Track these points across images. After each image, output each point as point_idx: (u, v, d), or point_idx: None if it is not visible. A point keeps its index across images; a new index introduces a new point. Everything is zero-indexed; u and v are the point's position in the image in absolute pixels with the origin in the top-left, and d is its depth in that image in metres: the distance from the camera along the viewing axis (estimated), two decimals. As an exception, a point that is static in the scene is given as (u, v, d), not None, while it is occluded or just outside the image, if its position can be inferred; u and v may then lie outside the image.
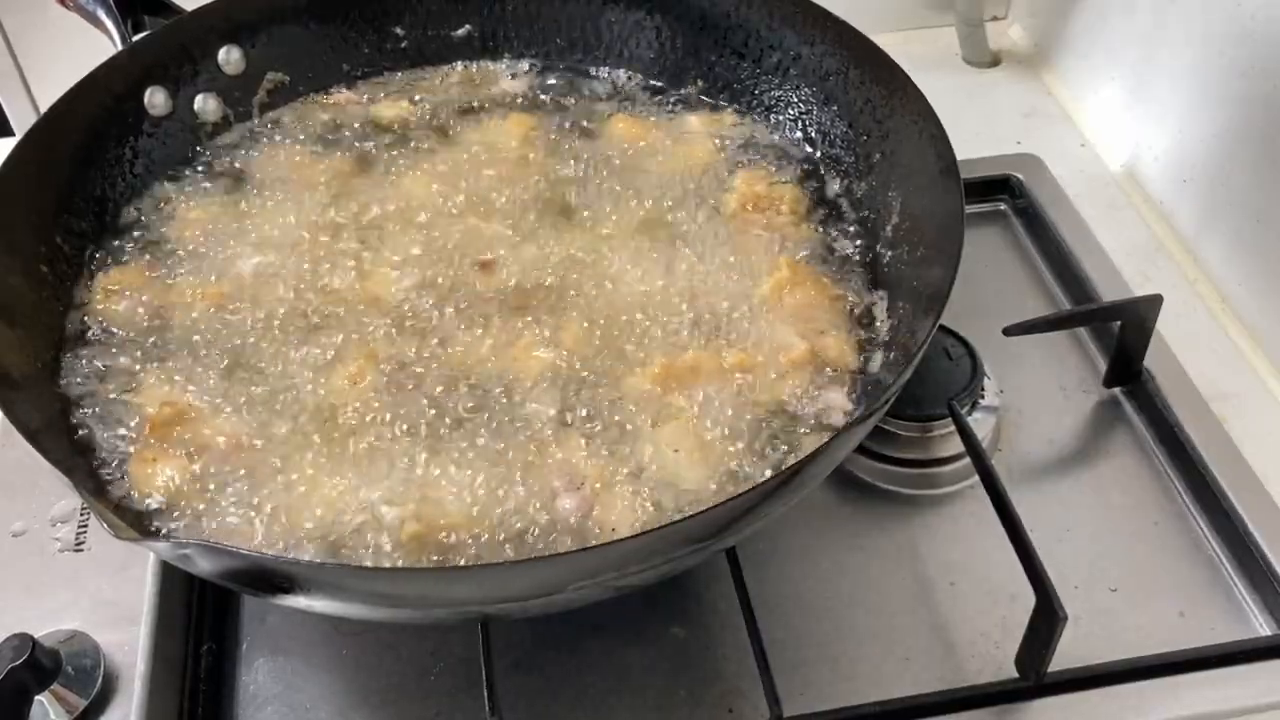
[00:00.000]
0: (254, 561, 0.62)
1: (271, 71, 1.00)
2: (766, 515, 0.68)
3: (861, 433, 0.71)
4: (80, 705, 0.76)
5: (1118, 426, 0.95)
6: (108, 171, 0.90)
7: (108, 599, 0.82)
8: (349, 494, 0.73)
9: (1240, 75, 1.02)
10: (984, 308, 0.98)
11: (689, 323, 0.83)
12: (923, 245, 0.83)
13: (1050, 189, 1.12)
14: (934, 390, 0.89)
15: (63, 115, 0.86)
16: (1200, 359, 0.98)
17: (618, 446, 0.76)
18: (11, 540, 0.86)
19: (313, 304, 0.85)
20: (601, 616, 0.82)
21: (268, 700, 0.79)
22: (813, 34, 0.95)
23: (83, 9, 0.95)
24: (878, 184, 0.91)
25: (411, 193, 0.93)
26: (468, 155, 0.96)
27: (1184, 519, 0.89)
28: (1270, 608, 0.83)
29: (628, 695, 0.79)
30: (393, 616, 0.75)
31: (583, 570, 0.63)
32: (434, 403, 0.78)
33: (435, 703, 0.79)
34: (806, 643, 0.81)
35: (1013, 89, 1.34)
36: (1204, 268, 1.10)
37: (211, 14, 0.96)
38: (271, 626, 0.83)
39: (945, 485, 0.91)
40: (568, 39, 1.05)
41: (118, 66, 0.91)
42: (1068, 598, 0.73)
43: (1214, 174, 1.07)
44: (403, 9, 1.03)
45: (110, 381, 0.79)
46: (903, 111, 0.87)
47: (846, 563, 0.86)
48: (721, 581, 0.80)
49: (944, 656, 0.81)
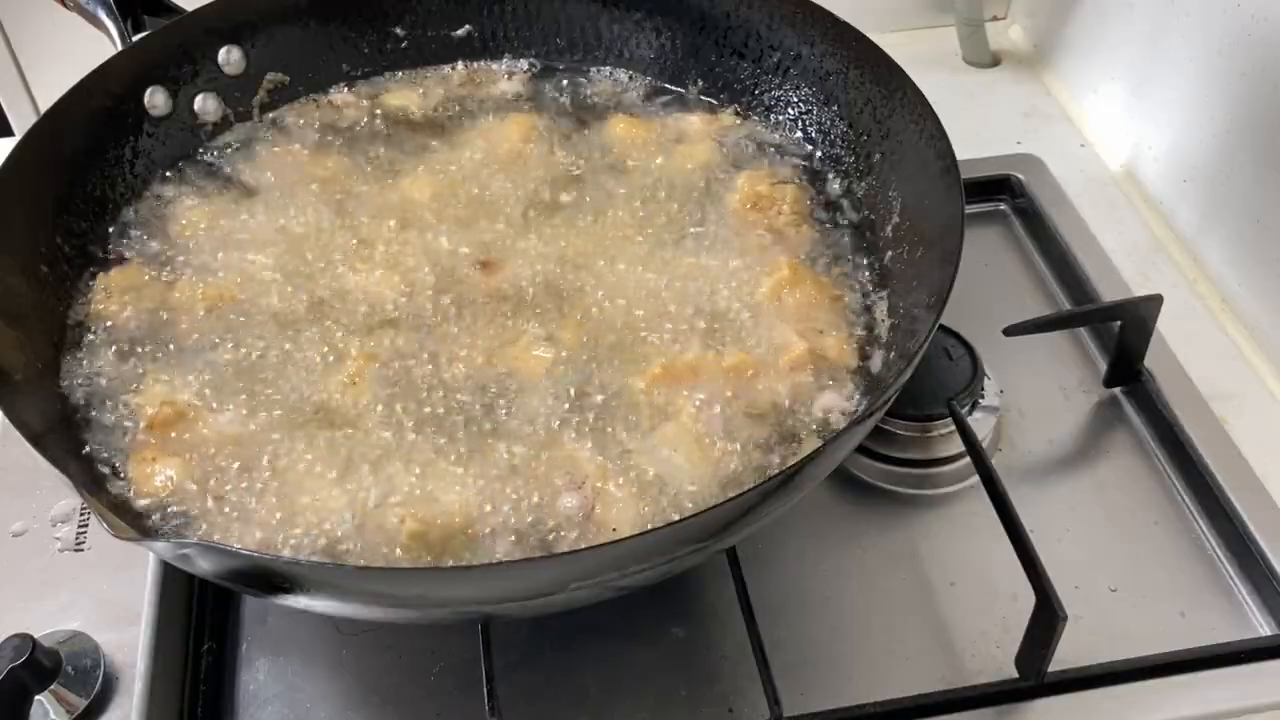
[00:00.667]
0: (254, 561, 0.62)
1: (271, 71, 1.00)
2: (766, 515, 0.68)
3: (861, 433, 0.71)
4: (80, 705, 0.76)
5: (1118, 426, 0.95)
6: (108, 171, 0.90)
7: (108, 599, 0.82)
8: (348, 492, 0.73)
9: (1240, 75, 1.02)
10: (984, 308, 0.98)
11: (689, 322, 0.83)
12: (923, 245, 0.83)
13: (1050, 189, 1.12)
14: (934, 390, 0.89)
15: (63, 115, 0.86)
16: (1200, 359, 0.98)
17: (618, 445, 0.76)
18: (11, 540, 0.86)
19: (311, 303, 0.85)
20: (601, 616, 0.82)
21: (268, 700, 0.79)
22: (813, 34, 0.95)
23: (83, 9, 0.95)
24: (878, 184, 0.91)
25: (411, 193, 0.93)
26: (468, 155, 0.96)
27: (1184, 519, 0.89)
28: (1270, 608, 0.83)
29: (628, 695, 0.79)
30: (393, 616, 0.75)
31: (583, 570, 0.63)
32: (434, 402, 0.78)
33: (435, 703, 0.79)
34: (806, 643, 0.81)
35: (1013, 89, 1.34)
36: (1204, 268, 1.10)
37: (211, 14, 0.96)
38: (271, 626, 0.83)
39: (945, 485, 0.91)
40: (568, 39, 1.05)
41: (118, 66, 0.91)
42: (1068, 598, 0.73)
43: (1214, 174, 1.07)
44: (403, 9, 1.03)
45: (110, 381, 0.79)
46: (903, 111, 0.87)
47: (846, 563, 0.86)
48: (721, 581, 0.80)
49: (944, 656, 0.81)
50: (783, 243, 0.89)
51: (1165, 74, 1.12)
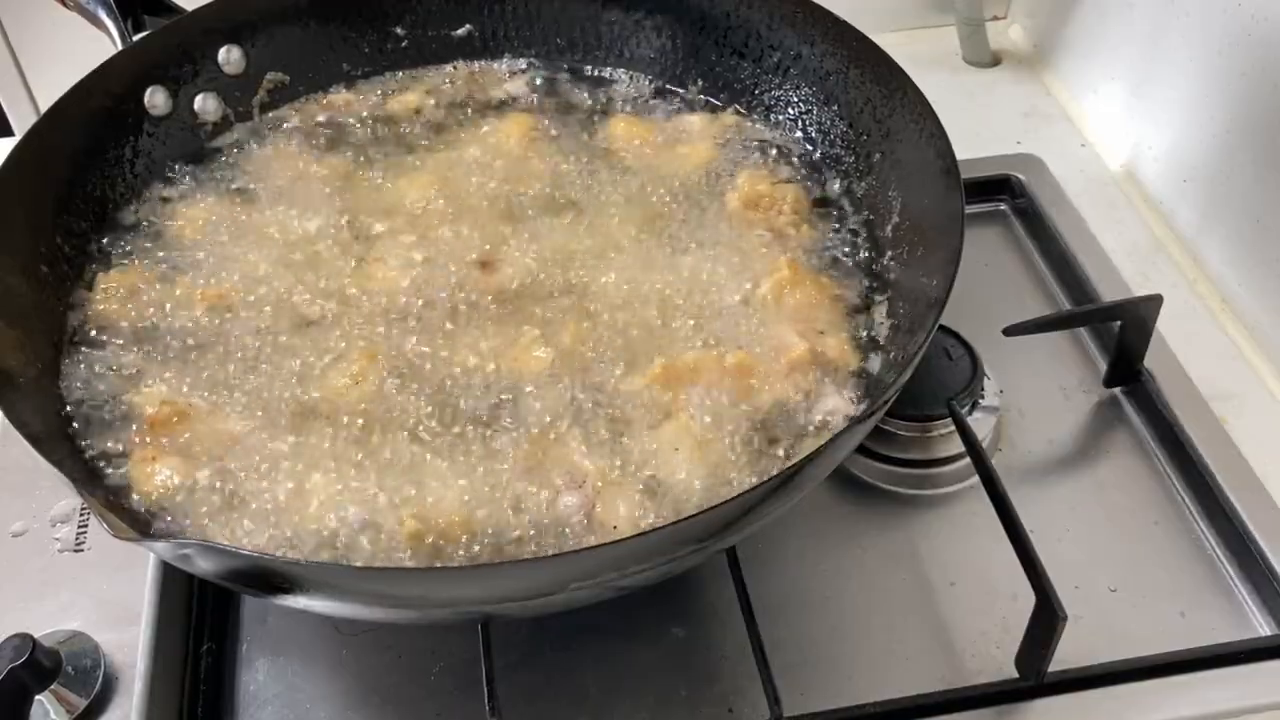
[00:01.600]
0: (254, 561, 0.62)
1: (271, 71, 1.00)
2: (766, 515, 0.68)
3: (861, 433, 0.71)
4: (80, 705, 0.76)
5: (1118, 426, 0.95)
6: (108, 171, 0.90)
7: (108, 599, 0.82)
8: (349, 492, 0.73)
9: (1240, 75, 1.02)
10: (984, 308, 0.98)
11: (689, 322, 0.83)
12: (923, 245, 0.83)
13: (1050, 189, 1.12)
14: (934, 390, 0.89)
15: (63, 115, 0.86)
16: (1200, 359, 0.98)
17: (619, 445, 0.76)
18: (11, 540, 0.86)
19: (312, 303, 0.85)
20: (601, 616, 0.82)
21: (268, 700, 0.79)
22: (813, 34, 0.95)
23: (83, 9, 0.95)
24: (878, 184, 0.91)
25: (411, 192, 0.93)
26: (467, 155, 0.96)
27: (1184, 519, 0.89)
28: (1270, 608, 0.83)
29: (628, 695, 0.79)
30: (393, 616, 0.75)
31: (583, 570, 0.63)
32: (435, 401, 0.78)
33: (435, 703, 0.79)
34: (806, 643, 0.81)
35: (1013, 89, 1.34)
36: (1204, 268, 1.10)
37: (211, 14, 0.96)
38: (271, 626, 0.83)
39: (945, 485, 0.91)
40: (568, 39, 1.05)
41: (118, 66, 0.91)
42: (1068, 598, 0.73)
43: (1214, 174, 1.07)
44: (403, 9, 1.03)
45: (110, 381, 0.79)
46: (903, 111, 0.87)
47: (846, 563, 0.86)
48: (721, 581, 0.80)
49: (944, 656, 0.81)
50: (783, 242, 0.89)
51: (1165, 74, 1.12)
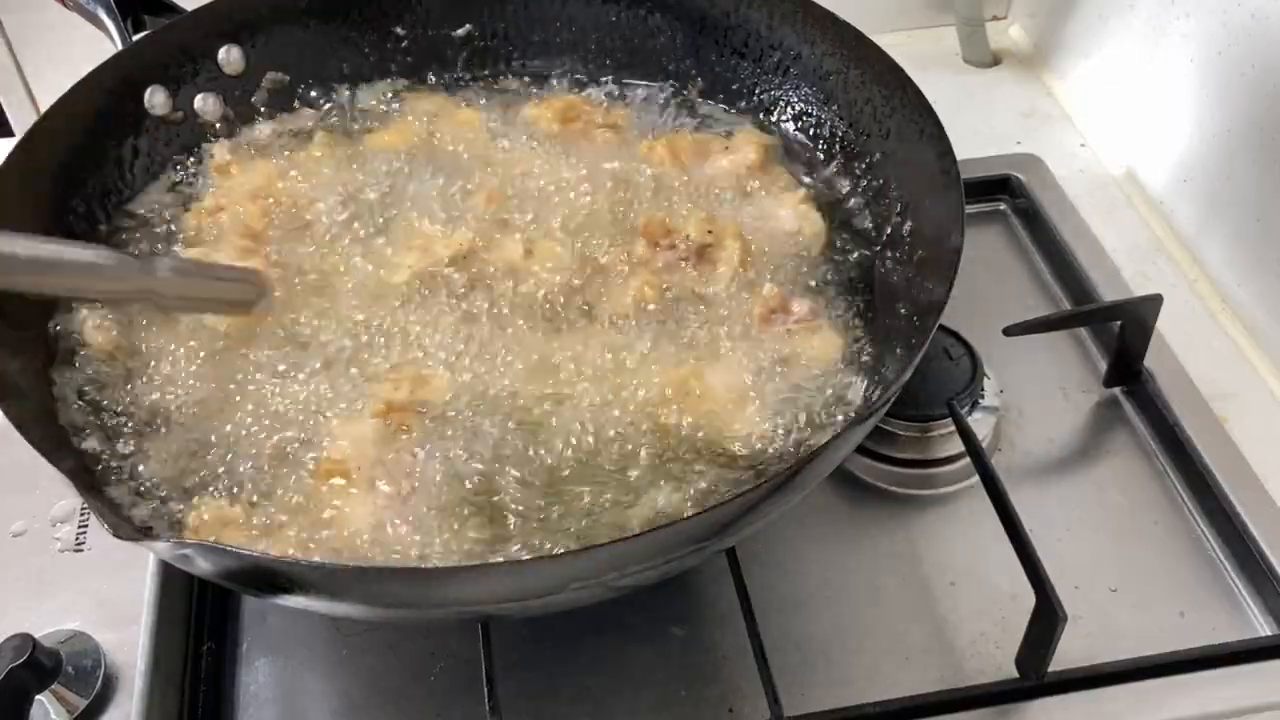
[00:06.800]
0: (254, 561, 0.62)
1: (271, 71, 0.99)
2: (766, 515, 0.68)
3: (861, 433, 0.71)
4: (80, 705, 0.76)
5: (1118, 426, 0.95)
6: (107, 171, 0.90)
7: (108, 599, 0.82)
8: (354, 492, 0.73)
9: (1240, 75, 1.02)
10: (984, 308, 0.98)
11: (689, 323, 0.83)
12: (923, 245, 0.83)
13: (1050, 189, 1.12)
14: (934, 390, 0.89)
15: (63, 115, 0.86)
16: (1200, 359, 0.98)
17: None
18: (11, 540, 0.86)
19: (311, 302, 0.84)
20: (601, 616, 0.82)
21: (268, 700, 0.79)
22: (813, 34, 0.95)
23: (83, 9, 0.95)
24: (878, 184, 0.91)
25: (411, 192, 0.93)
26: (466, 155, 0.96)
27: (1184, 519, 0.89)
28: (1270, 608, 0.83)
29: (628, 695, 0.79)
30: (393, 616, 0.75)
31: (583, 570, 0.63)
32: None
33: (435, 703, 0.79)
34: (806, 643, 0.81)
35: (1013, 89, 1.34)
36: (1204, 268, 1.10)
37: (211, 14, 0.96)
38: (271, 626, 0.83)
39: (945, 485, 0.91)
40: (568, 39, 1.05)
41: (118, 66, 0.91)
42: (1068, 598, 0.73)
43: (1214, 174, 1.07)
44: (403, 9, 1.03)
45: (110, 381, 0.79)
46: (903, 111, 0.87)
47: (846, 563, 0.86)
48: (721, 581, 0.80)
49: (944, 656, 0.81)
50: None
51: (1165, 74, 1.12)
